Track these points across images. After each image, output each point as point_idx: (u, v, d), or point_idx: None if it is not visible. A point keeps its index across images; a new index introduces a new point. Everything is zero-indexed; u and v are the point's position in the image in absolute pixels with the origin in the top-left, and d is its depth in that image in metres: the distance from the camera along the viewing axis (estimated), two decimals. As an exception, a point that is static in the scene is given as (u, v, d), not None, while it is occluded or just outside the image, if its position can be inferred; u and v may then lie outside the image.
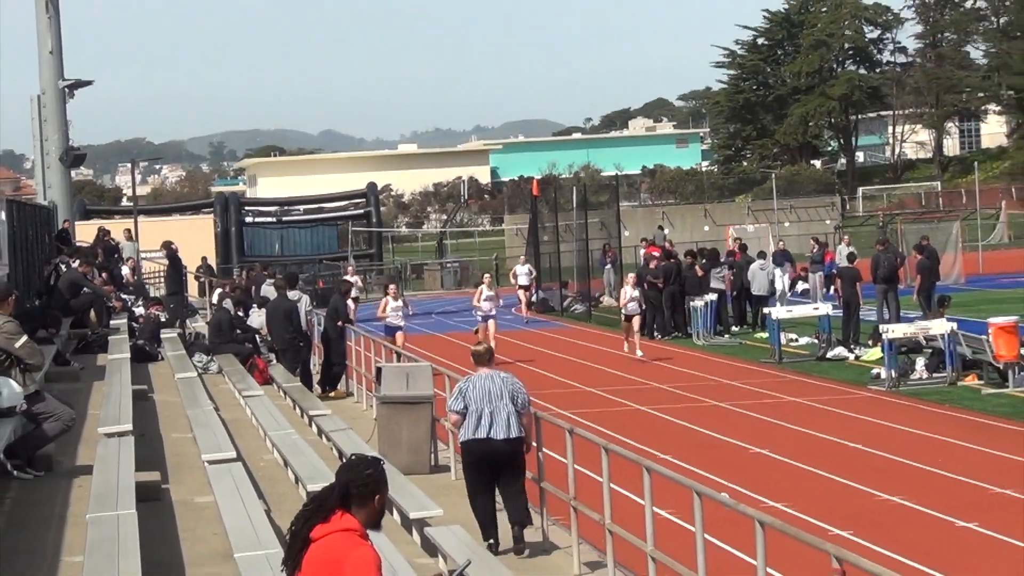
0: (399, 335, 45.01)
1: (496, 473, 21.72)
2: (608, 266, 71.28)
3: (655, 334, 56.19)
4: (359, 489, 10.63)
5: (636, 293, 47.42)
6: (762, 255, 62.23)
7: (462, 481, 26.38)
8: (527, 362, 47.65)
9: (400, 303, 46.94)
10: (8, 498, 18.73)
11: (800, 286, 67.82)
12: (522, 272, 67.75)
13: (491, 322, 48.39)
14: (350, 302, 45.67)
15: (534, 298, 69.77)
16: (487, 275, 52.02)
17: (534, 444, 22.31)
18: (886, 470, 29.32)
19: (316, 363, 41.56)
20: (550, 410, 32.48)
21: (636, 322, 47.07)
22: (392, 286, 46.97)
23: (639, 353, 45.80)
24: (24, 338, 21.17)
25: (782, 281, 63.46)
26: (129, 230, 63.67)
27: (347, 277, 53.82)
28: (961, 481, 27.93)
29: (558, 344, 56.31)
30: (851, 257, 56.06)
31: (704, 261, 58.42)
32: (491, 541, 21.12)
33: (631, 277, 49.26)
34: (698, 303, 53.94)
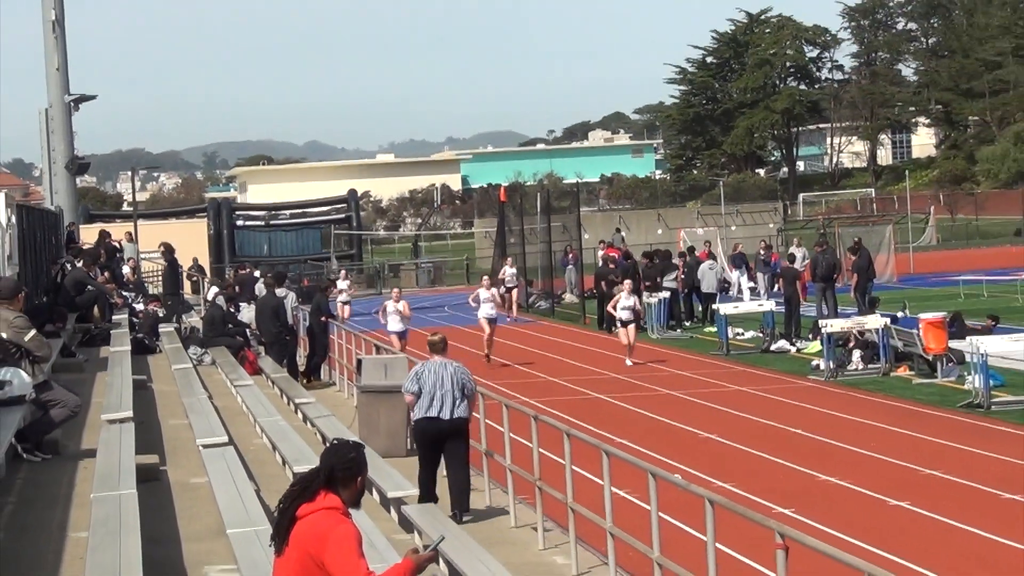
0: (393, 338, 41.53)
1: (441, 447, 22.76)
2: (570, 266, 71.27)
3: (612, 328, 56.16)
4: (343, 472, 10.59)
5: (631, 302, 44.02)
6: (712, 256, 62.97)
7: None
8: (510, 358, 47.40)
9: (401, 306, 43.09)
10: (19, 479, 18.67)
11: (748, 284, 67.91)
12: (509, 273, 65.54)
13: (494, 324, 45.63)
14: (344, 305, 45.54)
15: (527, 299, 69.66)
16: (485, 277, 49.15)
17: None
18: (825, 453, 29.39)
19: (301, 355, 41.62)
20: (516, 398, 32.44)
21: (632, 330, 43.90)
22: (396, 290, 43.52)
23: (629, 362, 43.23)
24: (33, 332, 21.10)
25: (740, 281, 64.00)
26: (130, 233, 63.46)
27: (340, 283, 52.64)
28: (894, 463, 27.96)
29: (527, 339, 56.39)
30: (794, 258, 55.94)
31: (658, 261, 58.60)
32: (435, 503, 21.77)
33: (627, 284, 46.04)
34: (652, 300, 54.03)
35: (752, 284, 66.06)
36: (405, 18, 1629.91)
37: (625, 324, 42.51)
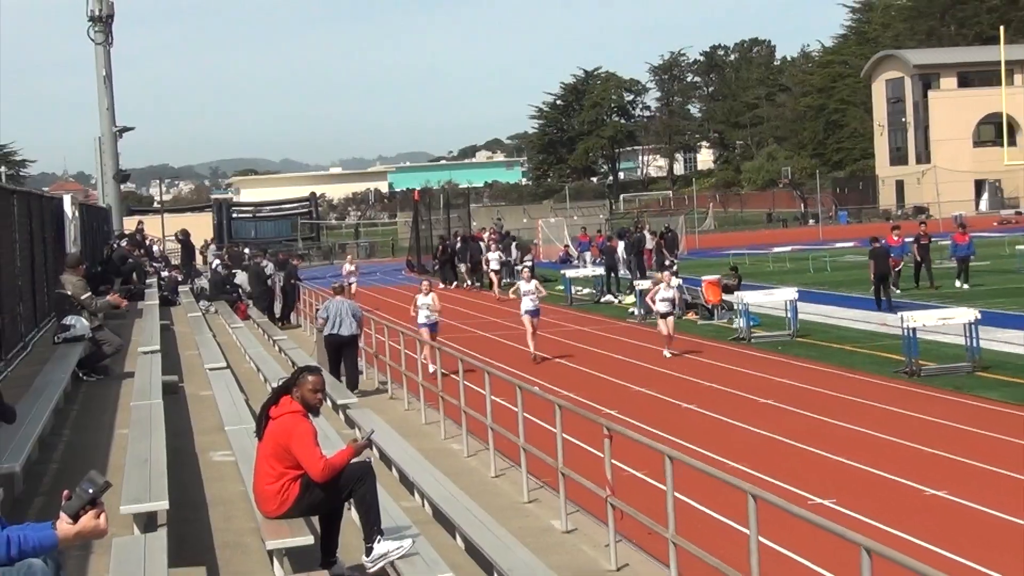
0: (424, 331, 28.90)
1: (340, 351, 25.86)
2: (458, 245, 71.14)
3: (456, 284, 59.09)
4: (293, 379, 10.87)
5: (671, 294, 32.59)
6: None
7: (374, 381, 26.50)
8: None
9: (430, 299, 29.66)
10: (80, 393, 18.54)
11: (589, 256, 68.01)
12: (493, 258, 55.56)
13: (535, 319, 32.69)
14: (351, 284, 45.05)
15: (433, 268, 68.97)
16: (525, 268, 36.45)
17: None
18: (636, 372, 29.49)
19: (277, 307, 41.53)
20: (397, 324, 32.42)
21: (670, 321, 32.24)
22: (426, 282, 31.06)
23: (667, 353, 31.78)
24: (88, 293, 21.10)
25: (585, 256, 64.31)
26: (141, 221, 63.80)
27: (347, 266, 50.33)
28: (685, 379, 28.12)
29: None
30: (642, 239, 55.85)
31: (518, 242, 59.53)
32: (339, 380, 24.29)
33: (666, 275, 34.58)
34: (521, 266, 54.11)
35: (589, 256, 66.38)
36: (352, 69, 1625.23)
37: (664, 316, 32.10)
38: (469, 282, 59.18)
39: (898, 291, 41.97)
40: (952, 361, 27.49)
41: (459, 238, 63.37)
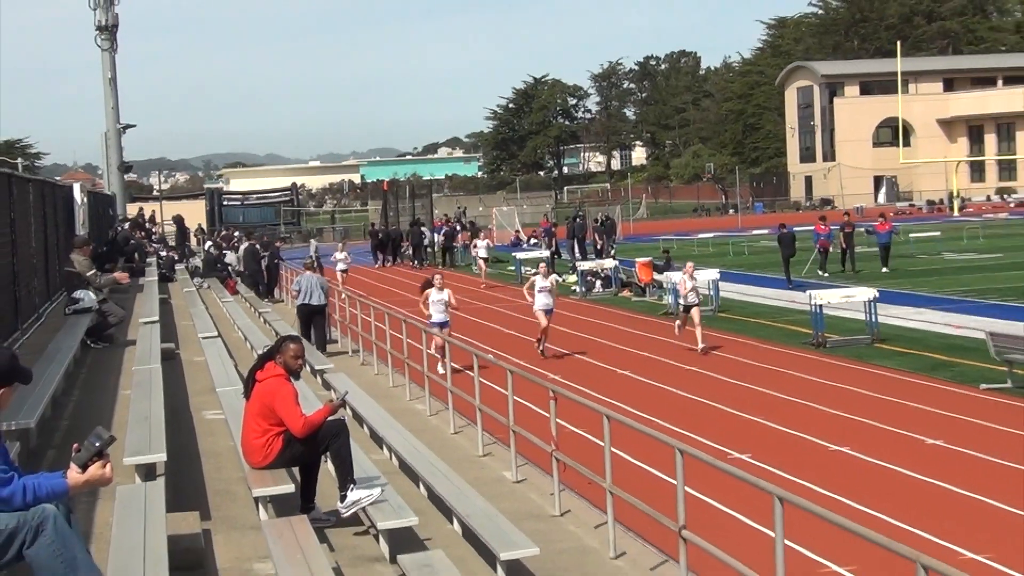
0: (436, 329, 23.60)
1: (311, 318, 26.40)
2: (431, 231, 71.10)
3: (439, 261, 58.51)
4: (276, 346, 10.85)
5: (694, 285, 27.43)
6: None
7: (345, 348, 26.40)
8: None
9: (445, 295, 24.76)
10: (88, 359, 18.39)
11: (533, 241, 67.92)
12: (481, 246, 51.36)
13: (549, 315, 27.51)
14: (343, 273, 44.75)
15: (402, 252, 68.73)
16: (542, 264, 30.51)
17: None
18: (578, 341, 29.53)
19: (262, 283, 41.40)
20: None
21: (696, 312, 26.96)
22: (438, 276, 25.48)
23: (700, 346, 26.51)
24: (94, 270, 21.00)
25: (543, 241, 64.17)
26: (154, 210, 63.37)
27: (337, 254, 48.66)
28: (619, 348, 28.19)
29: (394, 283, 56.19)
30: (584, 225, 55.77)
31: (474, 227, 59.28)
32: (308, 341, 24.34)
33: (689, 267, 28.14)
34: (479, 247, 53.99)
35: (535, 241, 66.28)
36: (329, 75, 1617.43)
37: (688, 309, 26.99)
38: (414, 262, 59.89)
39: (826, 274, 42.12)
40: (854, 334, 27.67)
41: (411, 224, 64.32)
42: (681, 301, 27.73)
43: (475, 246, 53.86)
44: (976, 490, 14.55)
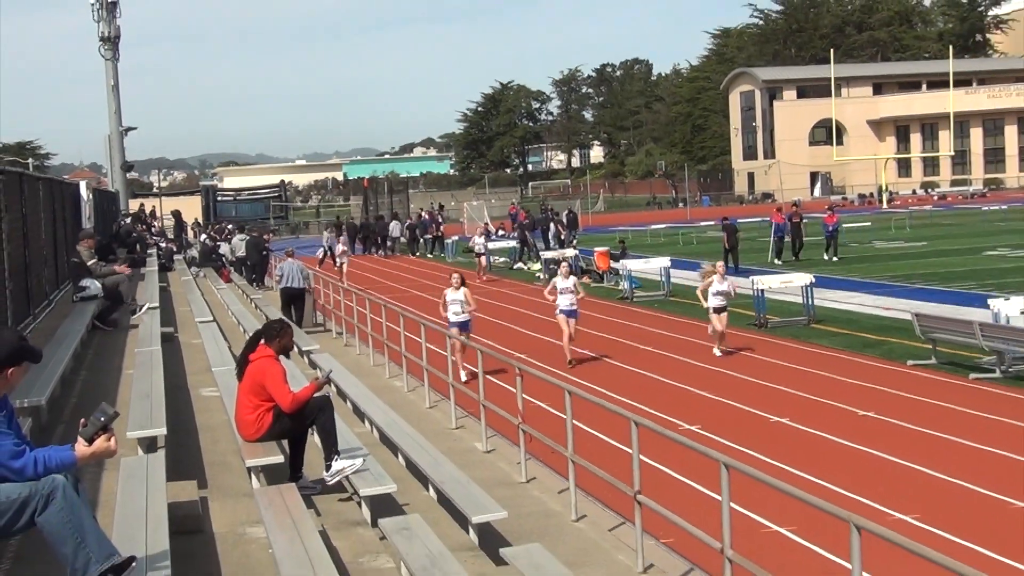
0: (454, 330, 20.50)
1: (293, 301, 26.58)
2: (396, 222, 70.78)
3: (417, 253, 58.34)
4: (267, 330, 10.84)
5: (725, 286, 23.12)
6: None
7: (329, 330, 26.35)
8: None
9: (462, 294, 21.78)
10: (95, 341, 18.32)
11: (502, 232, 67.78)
12: (479, 242, 46.53)
13: (572, 320, 23.61)
14: (340, 246, 44.48)
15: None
16: (564, 263, 26.03)
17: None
18: (539, 324, 29.49)
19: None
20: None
21: (724, 317, 23.24)
22: (456, 275, 22.31)
23: (718, 351, 23.13)
24: (95, 259, 20.98)
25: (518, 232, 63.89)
26: (154, 206, 63.05)
27: (337, 247, 47.52)
28: (580, 330, 28.18)
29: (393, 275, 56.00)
30: (547, 218, 55.49)
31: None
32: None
33: (720, 266, 24.12)
34: (448, 241, 53.82)
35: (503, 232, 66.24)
36: (315, 81, 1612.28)
37: (718, 311, 23.22)
38: (382, 252, 60.13)
39: (779, 262, 42.11)
40: (793, 316, 27.78)
41: (376, 218, 65.00)
42: (709, 305, 23.45)
43: (474, 243, 53.28)
44: (905, 457, 14.64)
